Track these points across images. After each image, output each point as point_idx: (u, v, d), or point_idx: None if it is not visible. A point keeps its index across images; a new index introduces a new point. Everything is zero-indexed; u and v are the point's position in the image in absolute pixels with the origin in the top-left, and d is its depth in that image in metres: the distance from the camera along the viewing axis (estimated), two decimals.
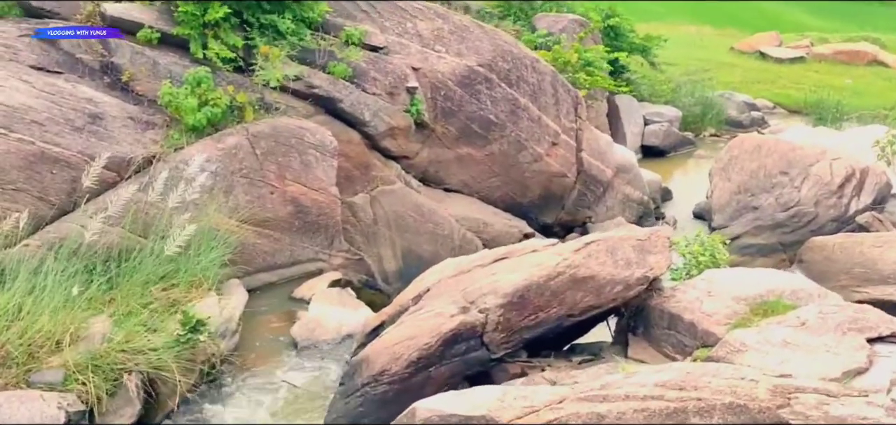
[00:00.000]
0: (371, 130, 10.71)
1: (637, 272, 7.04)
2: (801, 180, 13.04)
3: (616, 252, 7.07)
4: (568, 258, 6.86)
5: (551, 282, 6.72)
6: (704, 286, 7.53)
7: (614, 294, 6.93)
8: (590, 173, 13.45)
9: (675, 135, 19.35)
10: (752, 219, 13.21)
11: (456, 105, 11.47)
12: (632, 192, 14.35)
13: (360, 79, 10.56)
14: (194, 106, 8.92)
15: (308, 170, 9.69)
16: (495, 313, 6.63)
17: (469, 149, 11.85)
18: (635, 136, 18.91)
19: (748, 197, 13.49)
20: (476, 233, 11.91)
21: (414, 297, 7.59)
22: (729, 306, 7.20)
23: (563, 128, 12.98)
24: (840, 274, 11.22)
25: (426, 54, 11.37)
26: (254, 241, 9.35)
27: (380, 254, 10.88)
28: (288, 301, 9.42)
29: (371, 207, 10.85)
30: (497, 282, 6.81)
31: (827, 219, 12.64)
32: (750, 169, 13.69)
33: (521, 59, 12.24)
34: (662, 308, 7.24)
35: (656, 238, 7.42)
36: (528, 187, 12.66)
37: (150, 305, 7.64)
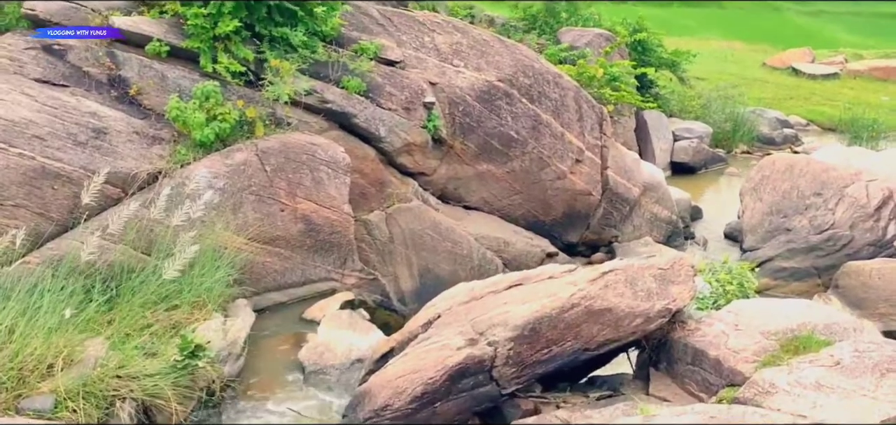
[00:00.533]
0: (386, 146, 10.33)
1: (658, 304, 6.57)
2: (835, 202, 12.45)
3: (636, 282, 6.61)
4: (584, 289, 6.41)
5: (565, 315, 6.27)
6: (731, 319, 7.03)
7: (634, 327, 6.47)
8: (615, 191, 12.96)
9: (706, 151, 18.76)
10: (784, 241, 12.63)
11: (475, 121, 11.06)
12: (660, 211, 13.83)
13: (375, 93, 10.19)
14: (202, 121, 8.60)
15: (320, 187, 9.33)
16: (505, 346, 6.19)
17: (489, 166, 11.43)
18: (664, 153, 18.36)
19: (780, 218, 12.91)
20: (496, 252, 11.48)
21: (423, 324, 7.19)
22: (757, 341, 6.69)
23: (588, 144, 12.51)
24: (878, 301, 10.69)
25: (444, 69, 10.97)
26: (263, 260, 9.00)
27: (396, 274, 10.49)
28: (298, 322, 9.05)
29: (387, 225, 10.46)
30: (508, 312, 6.38)
31: (863, 243, 12.03)
32: (782, 189, 13.12)
33: (543, 74, 11.80)
34: (686, 342, 6.76)
35: (679, 267, 6.94)
36: (550, 205, 12.20)
37: (149, 327, 7.31)
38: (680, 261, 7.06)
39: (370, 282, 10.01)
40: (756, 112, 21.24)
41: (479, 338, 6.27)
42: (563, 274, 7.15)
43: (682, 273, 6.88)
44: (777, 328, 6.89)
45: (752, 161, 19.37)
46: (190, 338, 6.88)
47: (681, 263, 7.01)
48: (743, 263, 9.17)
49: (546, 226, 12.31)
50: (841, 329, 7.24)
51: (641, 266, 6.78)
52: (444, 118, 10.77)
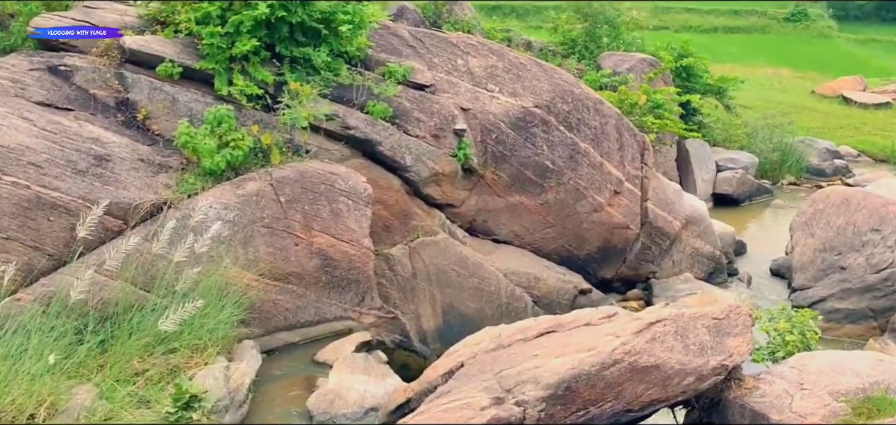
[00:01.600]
0: (412, 176, 9.61)
1: (713, 360, 5.72)
2: (894, 239, 11.45)
3: (687, 334, 5.77)
4: (628, 342, 5.58)
5: (606, 372, 5.45)
6: (795, 375, 6.17)
7: (684, 387, 5.63)
8: (655, 224, 12.09)
9: (751, 182, 17.77)
10: (838, 280, 11.65)
11: (508, 149, 10.30)
12: (702, 246, 12.91)
13: (401, 119, 9.48)
14: (213, 147, 7.96)
15: (338, 220, 8.63)
16: (536, 407, 5.39)
17: (521, 198, 10.64)
18: (707, 184, 17.41)
19: (834, 256, 11.92)
20: (526, 288, 10.67)
21: (444, 374, 6.41)
22: (826, 403, 5.82)
23: (627, 175, 11.67)
24: None
25: (477, 94, 10.24)
26: (274, 298, 8.31)
27: (418, 312, 9.74)
28: (309, 364, 8.32)
29: (410, 260, 9.72)
30: (539, 367, 5.57)
31: None
32: (837, 225, 12.13)
33: (583, 101, 11.01)
34: (744, 403, 5.90)
35: (737, 315, 6.08)
36: (585, 239, 11.37)
37: (144, 373, 6.64)
38: (737, 310, 6.19)
39: (389, 321, 9.26)
40: (805, 142, 20.19)
41: (506, 396, 5.48)
42: (601, 320, 6.32)
43: (739, 323, 6.02)
44: (847, 387, 6.05)
45: (800, 193, 18.38)
46: (185, 387, 6.19)
47: (738, 311, 6.15)
48: (804, 311, 8.27)
49: (579, 261, 11.48)
50: None
51: (693, 315, 5.93)
52: (475, 146, 10.03)
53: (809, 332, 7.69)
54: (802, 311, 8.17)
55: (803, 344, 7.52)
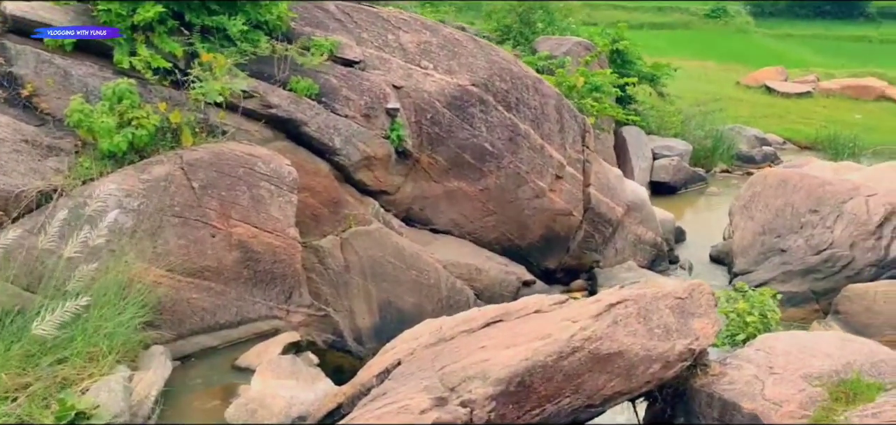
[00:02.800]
0: (342, 160, 8.58)
1: (679, 344, 4.90)
2: (833, 219, 10.93)
3: (650, 316, 4.93)
4: (588, 327, 4.70)
5: (564, 362, 4.56)
6: (763, 359, 5.41)
7: (650, 375, 4.79)
8: (598, 211, 11.32)
9: (686, 170, 17.24)
10: (779, 263, 11.07)
11: (445, 130, 9.36)
12: (644, 233, 12.21)
13: (329, 98, 8.44)
14: (112, 127, 6.79)
15: (260, 208, 7.55)
16: (484, 407, 4.46)
17: (460, 183, 9.72)
18: (644, 172, 16.79)
19: (774, 238, 11.35)
20: (467, 281, 9.75)
21: (379, 373, 5.43)
22: (800, 388, 5.08)
23: (569, 159, 10.86)
24: (885, 327, 9.18)
25: (410, 71, 9.26)
26: (188, 296, 7.18)
27: (351, 309, 8.72)
28: (230, 371, 7.22)
29: (342, 252, 8.70)
30: (488, 360, 4.64)
31: (865, 264, 10.52)
32: (775, 207, 11.57)
33: (522, 79, 10.14)
34: (712, 391, 5.11)
35: (700, 294, 5.26)
36: (527, 227, 10.51)
37: (28, 387, 5.47)
38: (700, 287, 5.40)
39: (321, 319, 8.23)
40: (735, 129, 19.85)
41: (449, 396, 4.53)
42: (552, 306, 5.42)
43: (703, 302, 5.22)
44: (820, 369, 5.37)
45: (732, 180, 18.00)
46: (70, 402, 5.07)
47: (701, 290, 5.35)
48: (763, 290, 7.55)
49: (522, 251, 10.63)
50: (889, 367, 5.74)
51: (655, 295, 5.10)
52: (409, 127, 9.06)
53: (770, 313, 6.98)
54: (762, 290, 7.46)
55: (764, 326, 6.79)
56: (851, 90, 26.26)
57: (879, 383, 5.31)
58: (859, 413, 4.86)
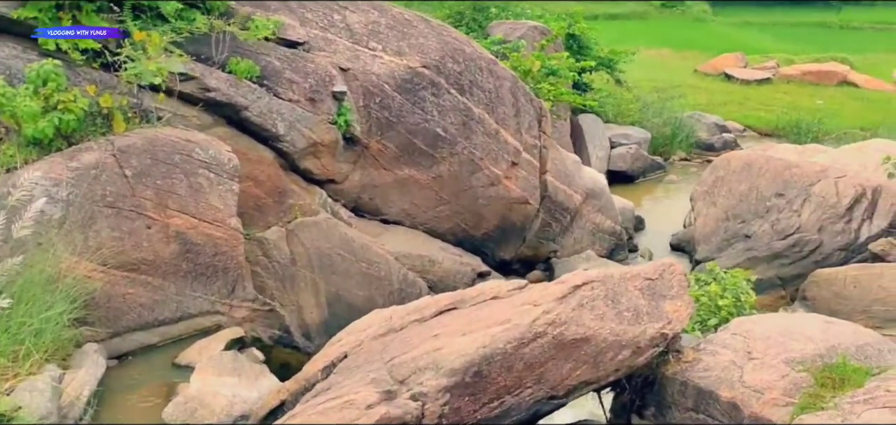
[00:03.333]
0: (287, 147, 8.46)
1: (650, 328, 4.90)
2: (800, 203, 11.10)
3: (619, 298, 4.93)
4: (551, 310, 4.66)
5: (525, 349, 4.52)
6: (740, 343, 5.41)
7: (619, 362, 4.77)
8: (555, 199, 11.35)
9: (644, 158, 17.39)
10: (743, 249, 11.22)
11: (395, 115, 9.29)
12: (603, 221, 12.28)
13: (271, 80, 8.31)
14: (36, 111, 6.59)
15: (199, 197, 7.40)
16: (437, 400, 4.40)
17: (411, 171, 9.66)
18: (601, 160, 16.89)
19: (738, 224, 11.50)
20: (420, 273, 9.70)
21: (324, 368, 5.35)
22: (783, 374, 5.08)
23: (525, 144, 10.87)
24: (854, 313, 9.24)
25: (358, 52, 9.17)
26: (123, 291, 7.01)
27: (299, 303, 8.60)
28: (169, 369, 7.08)
29: (287, 244, 8.56)
30: (441, 348, 4.58)
31: (833, 248, 10.71)
32: (739, 191, 11.72)
33: (476, 61, 10.11)
34: (685, 379, 5.09)
35: (671, 275, 5.27)
36: (482, 216, 10.49)
37: None
38: (671, 267, 5.39)
39: (266, 313, 8.11)
40: (694, 117, 20.08)
41: (399, 389, 4.46)
42: (511, 292, 5.38)
43: (674, 283, 5.22)
44: (802, 353, 5.32)
45: (691, 168, 18.21)
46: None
47: (672, 270, 5.34)
48: (736, 271, 7.60)
49: (477, 241, 10.61)
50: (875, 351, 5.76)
51: (624, 275, 5.09)
52: (357, 111, 8.97)
53: (744, 295, 7.02)
54: (734, 272, 7.51)
55: (738, 309, 6.83)
56: (812, 76, 26.72)
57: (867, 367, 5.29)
58: (850, 398, 4.79)
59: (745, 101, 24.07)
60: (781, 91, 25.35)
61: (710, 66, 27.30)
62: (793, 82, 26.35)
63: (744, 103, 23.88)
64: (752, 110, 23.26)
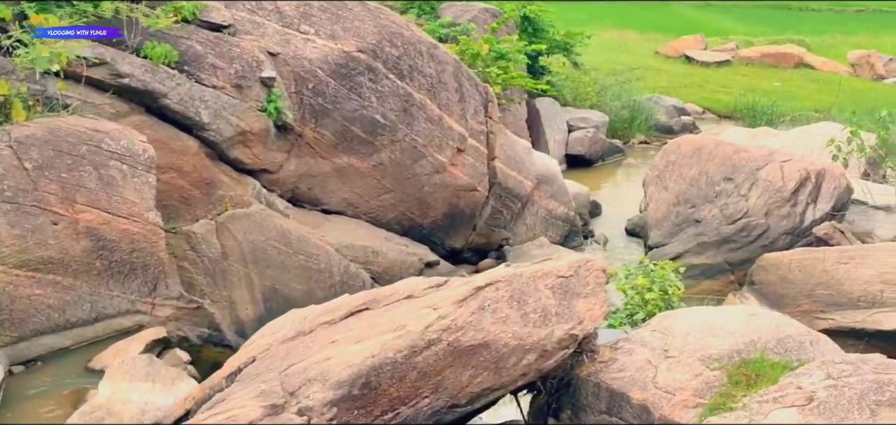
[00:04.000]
0: (213, 135, 7.96)
1: (558, 329, 4.49)
2: (748, 187, 10.79)
3: (526, 299, 4.51)
4: (447, 316, 4.25)
5: (418, 358, 4.11)
6: (658, 341, 5.05)
7: (525, 367, 4.37)
8: (505, 185, 10.95)
9: (603, 142, 17.04)
10: (693, 234, 10.88)
11: (330, 101, 8.80)
12: (555, 207, 11.91)
13: (192, 66, 7.80)
14: None
15: (111, 191, 6.88)
16: (324, 413, 3.97)
17: (351, 159, 9.19)
18: (559, 144, 16.53)
19: (689, 208, 11.15)
20: (363, 264, 9.28)
21: (230, 374, 4.90)
22: (697, 372, 4.73)
23: (471, 130, 10.43)
24: (799, 297, 8.97)
25: (288, 36, 8.67)
26: (28, 292, 6.49)
27: (232, 299, 8.14)
28: (82, 374, 6.58)
29: (218, 238, 8.09)
30: (331, 358, 4.14)
31: (780, 232, 10.41)
32: (689, 176, 11.37)
33: (415, 45, 9.64)
34: (599, 381, 4.72)
35: (587, 272, 4.87)
36: (429, 205, 10.06)
37: None
38: (587, 264, 4.99)
39: (193, 311, 7.63)
40: (653, 99, 19.77)
41: (287, 401, 4.02)
42: (427, 290, 4.95)
43: (590, 280, 4.81)
44: (720, 350, 5.00)
45: (650, 151, 17.90)
46: None
47: (588, 267, 4.94)
48: (664, 263, 7.22)
49: (424, 230, 10.19)
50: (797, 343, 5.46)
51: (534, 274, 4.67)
52: (289, 99, 8.48)
53: (672, 288, 6.63)
54: (662, 264, 7.13)
55: (665, 302, 6.44)
56: (771, 57, 26.56)
57: (785, 361, 5.03)
58: (759, 397, 4.52)
59: (705, 84, 23.87)
60: (740, 73, 25.17)
61: (670, 48, 27.05)
62: (752, 64, 26.18)
63: (703, 86, 23.68)
64: (712, 92, 23.06)
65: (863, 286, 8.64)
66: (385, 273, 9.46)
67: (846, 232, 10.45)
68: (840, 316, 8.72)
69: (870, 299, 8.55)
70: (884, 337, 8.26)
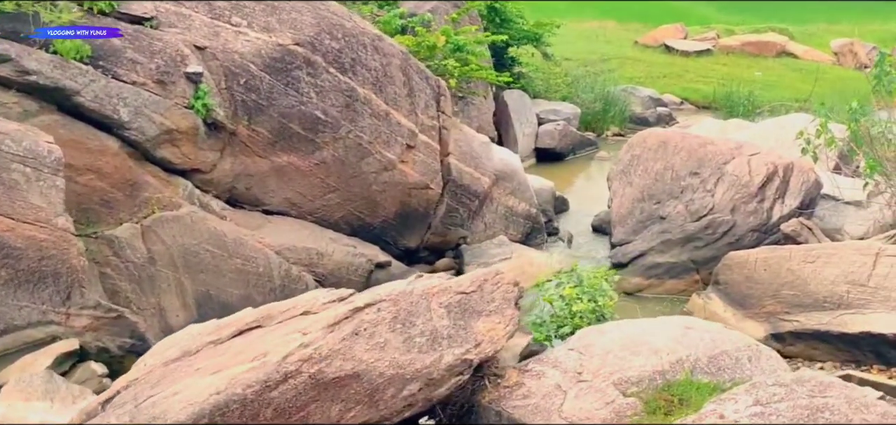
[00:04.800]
0: (134, 135, 7.52)
1: (449, 355, 4.07)
2: (714, 182, 10.41)
3: (413, 321, 4.09)
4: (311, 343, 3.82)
5: (273, 393, 3.68)
6: (574, 361, 4.63)
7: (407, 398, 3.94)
8: (460, 183, 10.54)
9: (574, 135, 16.66)
10: (658, 232, 10.50)
11: (265, 98, 8.37)
12: (516, 204, 11.51)
13: (109, 61, 7.35)
14: None
15: (14, 195, 6.44)
16: None
17: (290, 158, 8.77)
18: (528, 138, 16.15)
19: (653, 205, 10.76)
20: (307, 266, 8.86)
21: (107, 400, 4.48)
22: (608, 400, 4.32)
23: (421, 126, 10.01)
24: (764, 298, 8.61)
25: (218, 29, 8.22)
26: None
27: (161, 306, 7.73)
28: None
29: (144, 242, 7.67)
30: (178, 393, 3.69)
31: (746, 229, 10.04)
32: (655, 170, 10.98)
33: (358, 37, 9.21)
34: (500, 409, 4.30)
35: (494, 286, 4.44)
36: (378, 203, 9.65)
37: None
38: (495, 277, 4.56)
39: (113, 321, 7.18)
40: (628, 90, 19.37)
41: None
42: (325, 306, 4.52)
43: (496, 296, 4.39)
44: (641, 371, 4.57)
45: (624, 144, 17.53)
46: None
47: (496, 281, 4.50)
48: (599, 270, 6.78)
49: (375, 230, 9.78)
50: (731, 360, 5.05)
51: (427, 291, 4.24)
52: (219, 95, 8.05)
53: (604, 298, 6.16)
54: (596, 271, 6.69)
55: (596, 315, 5.98)
56: (752, 47, 26.19)
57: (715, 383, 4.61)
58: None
59: (684, 74, 23.51)
60: (721, 62, 24.80)
61: (650, 37, 26.65)
62: (733, 53, 25.80)
63: (682, 76, 23.32)
64: (691, 83, 22.70)
65: (829, 286, 8.26)
66: (331, 275, 9.06)
67: (815, 229, 10.06)
68: (805, 318, 8.36)
69: (835, 300, 8.17)
70: (848, 341, 7.92)
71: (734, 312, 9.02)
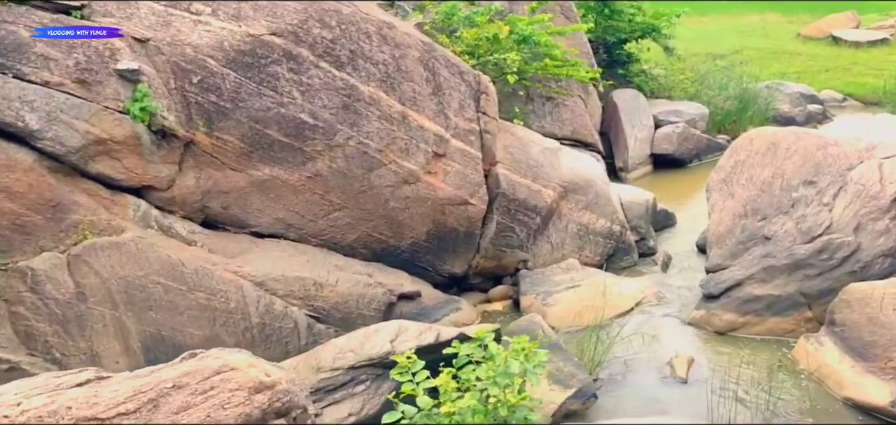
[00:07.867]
0: (50, 146, 6.02)
1: None
2: (833, 193, 7.68)
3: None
4: None
5: None
6: None
7: None
8: (513, 196, 8.43)
9: (697, 138, 13.80)
10: (760, 255, 7.85)
11: (228, 99, 6.65)
12: (593, 220, 9.19)
13: (10, 58, 5.89)
14: None
15: None
16: None
17: (273, 170, 7.00)
18: (642, 142, 13.53)
19: (758, 221, 8.09)
20: (302, 300, 7.08)
21: None
22: None
23: (455, 130, 7.95)
24: (891, 347, 6.24)
25: (170, 18, 6.57)
26: None
27: (94, 351, 6.22)
28: None
29: (71, 274, 6.18)
30: None
31: (874, 254, 7.36)
32: (761, 179, 8.29)
33: (358, 24, 7.28)
34: None
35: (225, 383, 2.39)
36: (402, 223, 7.72)
37: None
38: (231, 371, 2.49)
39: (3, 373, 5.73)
40: (772, 86, 16.11)
41: None
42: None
43: None
44: None
45: None
46: None
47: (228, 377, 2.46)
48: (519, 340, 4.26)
49: (404, 254, 7.87)
50: None
51: None
52: (167, 96, 6.41)
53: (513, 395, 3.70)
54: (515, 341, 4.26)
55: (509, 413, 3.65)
56: None
57: None
58: None
59: (852, 66, 19.66)
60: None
61: (815, 28, 22.73)
62: None
63: (849, 69, 19.50)
64: (858, 76, 18.90)
65: None
66: (335, 310, 7.25)
67: None
68: None
69: None
70: None
71: (852, 364, 6.50)
